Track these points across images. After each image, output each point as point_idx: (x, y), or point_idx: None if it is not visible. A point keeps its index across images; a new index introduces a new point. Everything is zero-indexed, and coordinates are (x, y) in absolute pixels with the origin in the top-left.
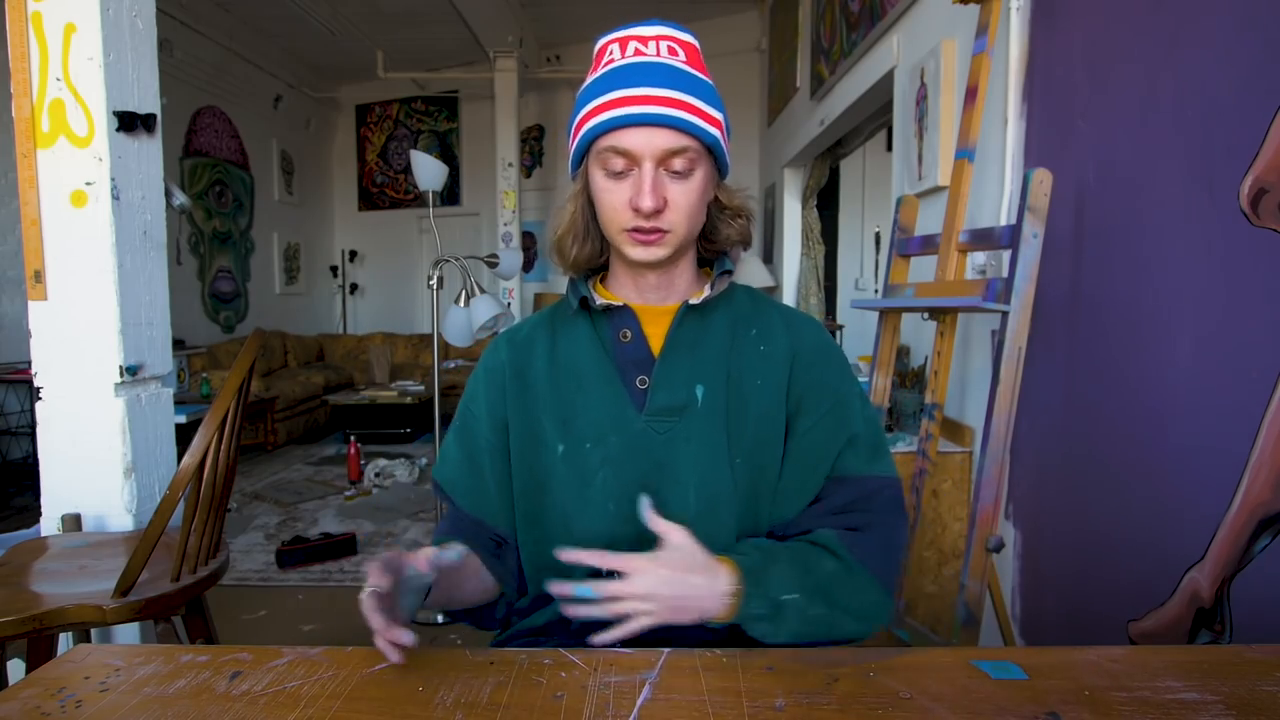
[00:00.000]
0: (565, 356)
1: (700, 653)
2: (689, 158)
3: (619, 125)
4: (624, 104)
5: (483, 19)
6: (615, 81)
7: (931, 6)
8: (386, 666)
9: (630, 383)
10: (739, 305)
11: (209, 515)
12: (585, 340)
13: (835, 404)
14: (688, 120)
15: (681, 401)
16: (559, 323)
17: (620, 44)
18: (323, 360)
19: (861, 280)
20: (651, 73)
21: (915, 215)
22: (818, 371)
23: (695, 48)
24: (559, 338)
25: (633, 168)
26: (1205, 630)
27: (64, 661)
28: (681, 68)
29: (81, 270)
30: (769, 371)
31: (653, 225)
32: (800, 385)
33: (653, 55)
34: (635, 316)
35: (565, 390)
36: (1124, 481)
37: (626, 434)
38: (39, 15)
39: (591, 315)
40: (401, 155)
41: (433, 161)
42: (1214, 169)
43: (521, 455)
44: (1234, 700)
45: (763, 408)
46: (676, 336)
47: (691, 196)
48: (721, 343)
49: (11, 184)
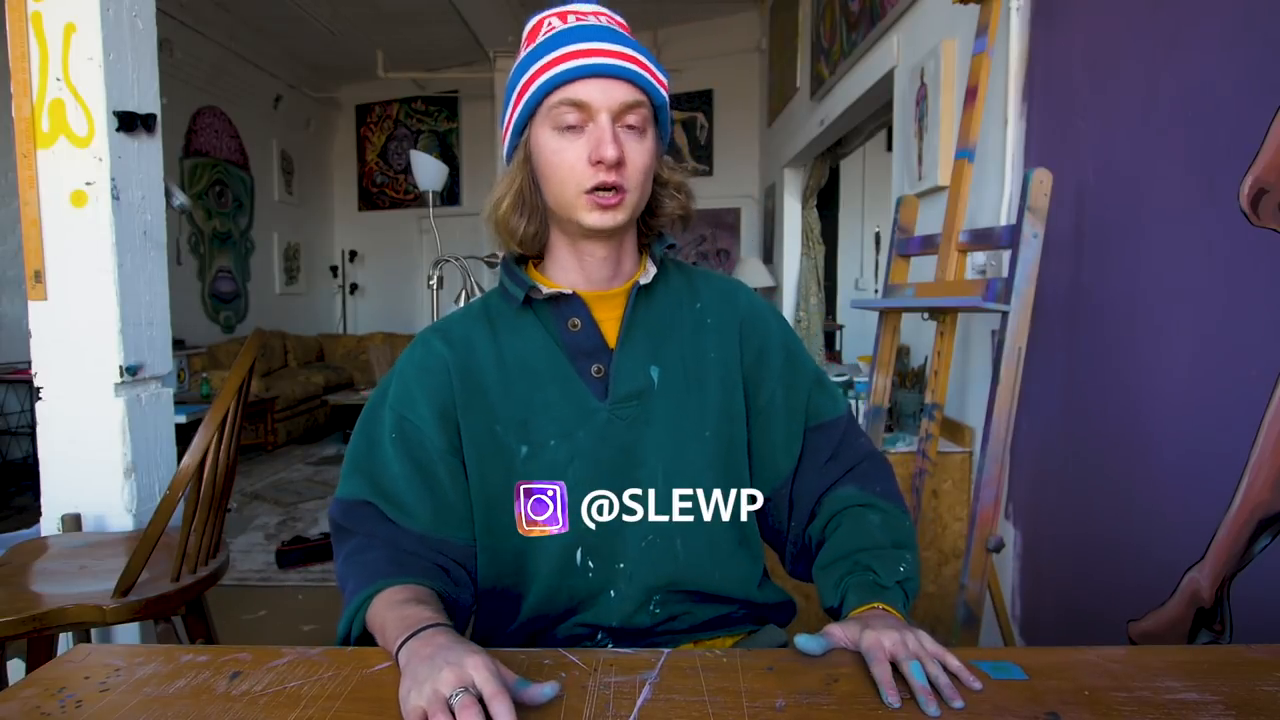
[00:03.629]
0: (513, 354)
1: (700, 653)
2: (642, 115)
3: (573, 77)
4: (578, 56)
5: (483, 19)
6: (563, 40)
7: (931, 6)
8: (386, 666)
9: (585, 372)
10: (673, 280)
11: (209, 515)
12: (532, 334)
13: (787, 357)
14: (643, 75)
15: (640, 385)
16: (496, 317)
17: (559, 16)
18: (323, 360)
19: (861, 280)
20: (603, 33)
21: (915, 215)
22: (761, 332)
23: (626, 25)
24: (501, 334)
25: (587, 122)
26: (1205, 630)
27: (64, 661)
28: (626, 35)
29: (81, 270)
30: (721, 344)
31: (615, 181)
32: (752, 350)
33: (594, 23)
34: (584, 304)
35: (519, 390)
36: (1124, 481)
37: (592, 425)
38: (39, 15)
39: (534, 306)
40: (401, 155)
41: (433, 161)
42: (1214, 169)
43: (479, 463)
44: (1234, 700)
45: (722, 378)
46: (633, 319)
47: (645, 157)
48: (669, 320)
49: (11, 184)
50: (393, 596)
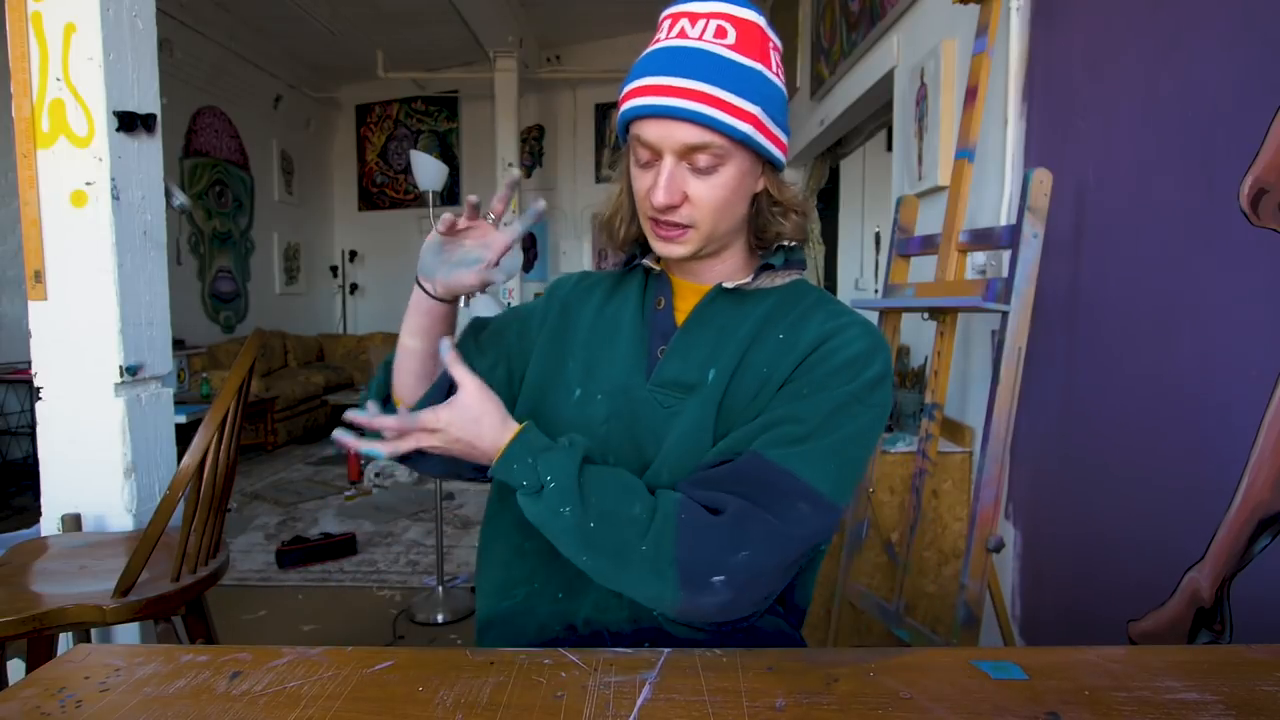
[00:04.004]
0: (612, 308)
1: (700, 652)
2: (714, 154)
3: (641, 115)
4: (647, 93)
5: (483, 19)
6: (649, 66)
7: (931, 6)
8: (386, 666)
9: (653, 350)
10: (791, 302)
11: (209, 515)
12: (633, 298)
13: (808, 392)
14: (709, 115)
15: (692, 380)
16: (624, 277)
17: (672, 20)
18: (323, 360)
19: (861, 280)
20: (682, 60)
21: (915, 215)
22: (822, 368)
23: (753, 24)
24: (616, 289)
25: (656, 160)
26: (1205, 630)
27: (64, 661)
28: (721, 53)
29: (81, 270)
30: (779, 360)
31: (669, 220)
32: (799, 372)
33: (695, 38)
34: (670, 286)
35: (599, 339)
36: (1124, 481)
37: (633, 398)
38: (39, 15)
39: (646, 277)
40: (401, 155)
41: (433, 161)
42: (1214, 169)
43: (536, 384)
44: (1234, 700)
45: (758, 391)
46: (701, 314)
47: (717, 193)
48: (748, 332)
49: (11, 184)
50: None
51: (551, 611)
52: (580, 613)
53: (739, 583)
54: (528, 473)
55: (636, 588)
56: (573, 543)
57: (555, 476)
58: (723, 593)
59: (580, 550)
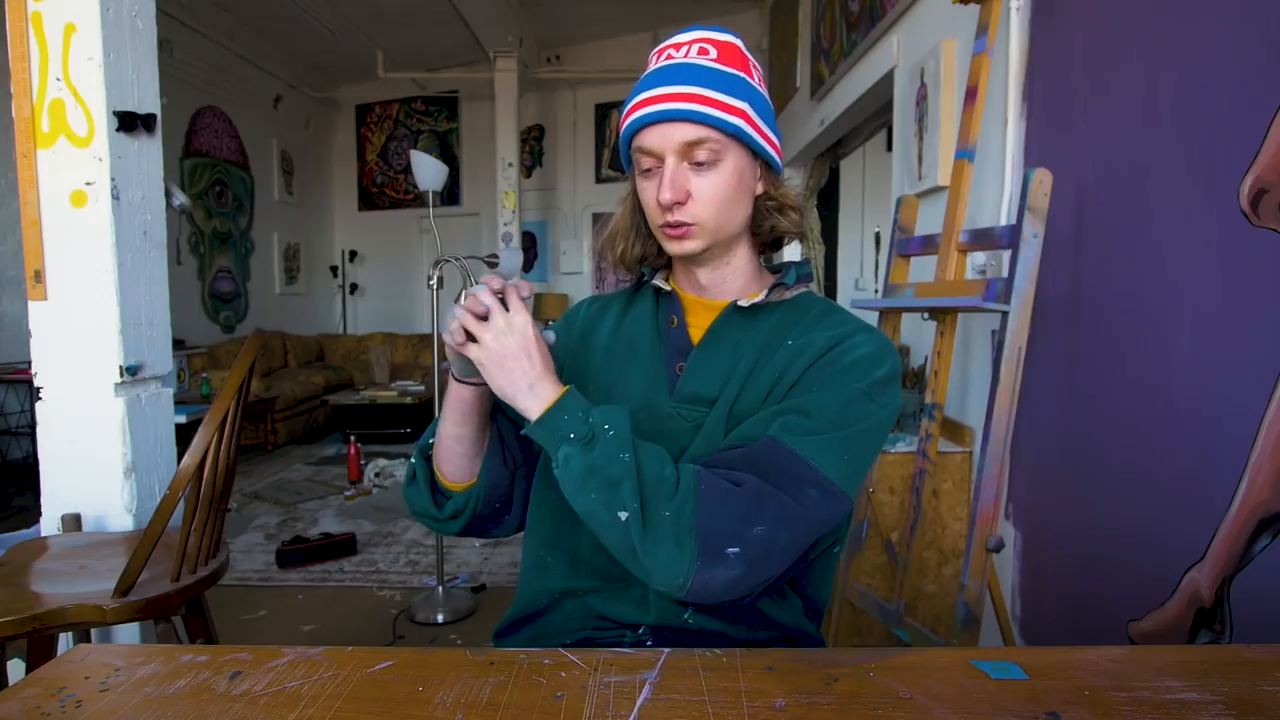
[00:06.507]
0: (628, 328)
1: (700, 653)
2: (710, 148)
3: (640, 126)
4: (644, 105)
5: (483, 19)
6: (640, 88)
7: (931, 6)
8: (386, 666)
9: (671, 367)
10: (800, 312)
11: (209, 515)
12: (646, 318)
13: (820, 388)
14: (701, 111)
15: (713, 394)
16: (636, 297)
17: (658, 52)
18: (323, 360)
19: (861, 280)
20: (672, 74)
21: (915, 215)
22: (833, 368)
23: (732, 44)
24: (629, 310)
25: (659, 165)
26: (1205, 630)
27: (64, 661)
28: (705, 65)
29: (81, 270)
30: (791, 364)
31: (676, 219)
32: (810, 373)
33: (681, 58)
34: (680, 305)
35: (618, 359)
36: (1124, 481)
37: (655, 414)
38: (39, 15)
39: (657, 297)
40: (401, 155)
41: (433, 161)
42: (1214, 169)
43: None
44: (1234, 700)
45: (769, 393)
46: (716, 331)
47: (718, 187)
48: (761, 343)
49: (11, 184)
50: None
51: (586, 613)
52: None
53: (751, 556)
54: (578, 425)
55: (653, 554)
56: (621, 493)
57: (613, 425)
58: (735, 566)
59: (628, 500)
